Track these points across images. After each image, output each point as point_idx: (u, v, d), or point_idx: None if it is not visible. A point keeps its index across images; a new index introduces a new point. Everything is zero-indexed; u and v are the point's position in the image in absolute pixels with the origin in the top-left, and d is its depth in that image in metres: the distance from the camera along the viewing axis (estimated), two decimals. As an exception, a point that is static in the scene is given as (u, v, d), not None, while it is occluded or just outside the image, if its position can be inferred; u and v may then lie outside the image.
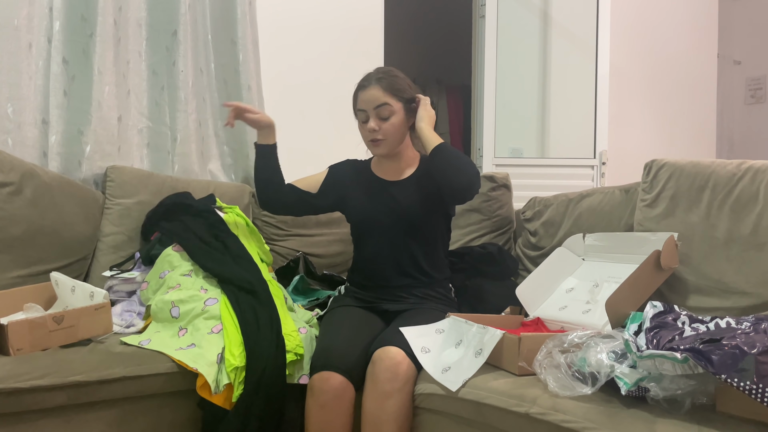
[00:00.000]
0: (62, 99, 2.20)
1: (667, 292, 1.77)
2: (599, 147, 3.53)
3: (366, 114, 1.84)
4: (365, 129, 1.85)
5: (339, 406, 1.55)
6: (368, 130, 1.83)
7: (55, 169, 2.17)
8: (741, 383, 1.06)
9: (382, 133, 1.83)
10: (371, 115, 1.83)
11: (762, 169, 1.73)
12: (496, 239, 2.40)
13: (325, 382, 1.55)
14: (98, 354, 1.58)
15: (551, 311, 1.82)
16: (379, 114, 1.82)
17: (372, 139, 1.85)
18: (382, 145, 1.85)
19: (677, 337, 1.26)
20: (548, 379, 1.34)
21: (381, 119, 1.82)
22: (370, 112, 1.83)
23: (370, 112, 1.83)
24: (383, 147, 1.86)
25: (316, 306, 2.11)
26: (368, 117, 1.83)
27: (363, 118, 1.85)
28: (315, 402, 1.56)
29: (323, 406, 1.55)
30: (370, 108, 1.82)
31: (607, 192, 2.15)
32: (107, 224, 2.16)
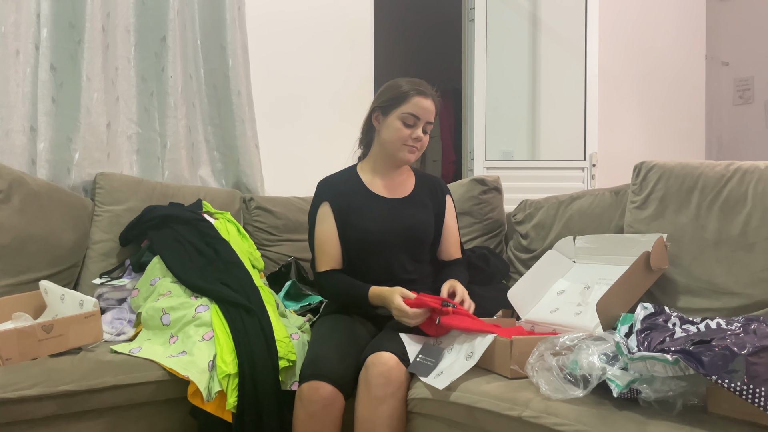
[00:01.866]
0: (50, 106, 2.19)
1: (658, 293, 1.78)
2: (589, 149, 3.55)
3: (418, 121, 1.84)
4: (408, 134, 1.84)
5: (328, 416, 1.54)
6: (414, 137, 1.84)
7: (43, 176, 2.16)
8: (732, 384, 1.06)
9: (421, 145, 1.88)
10: (421, 125, 1.85)
11: (750, 170, 1.74)
12: (488, 242, 2.40)
13: (315, 391, 1.54)
14: (88, 363, 1.57)
15: (543, 314, 1.82)
16: (426, 128, 1.86)
17: (412, 146, 1.86)
18: (415, 155, 1.89)
19: (668, 338, 1.26)
20: (540, 382, 1.34)
21: (424, 132, 1.87)
22: (422, 121, 1.84)
23: (423, 122, 1.85)
24: (416, 156, 1.90)
25: (308, 311, 2.10)
26: (418, 125, 1.84)
27: (411, 123, 1.84)
28: (304, 411, 1.55)
29: (312, 415, 1.54)
30: (424, 119, 1.84)
31: (597, 194, 2.15)
32: (97, 231, 2.15)
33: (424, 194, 1.95)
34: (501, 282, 2.21)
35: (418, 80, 1.87)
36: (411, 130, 1.83)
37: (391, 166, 1.93)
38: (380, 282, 1.80)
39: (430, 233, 1.93)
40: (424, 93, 1.84)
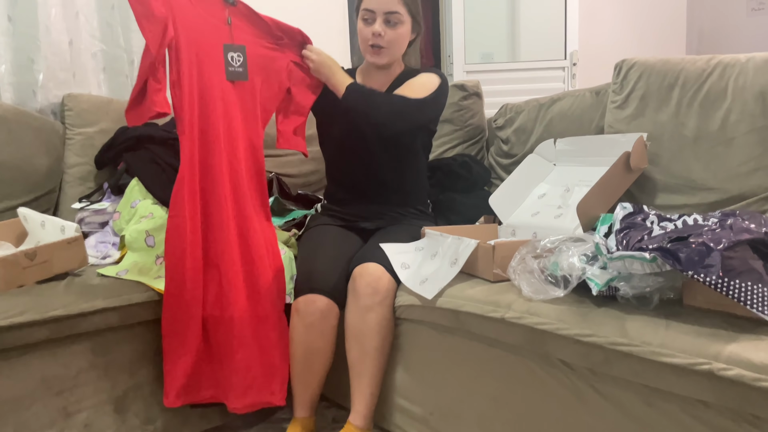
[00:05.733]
0: (7, 25, 2.08)
1: (637, 192, 1.80)
2: (570, 47, 3.48)
3: (373, 15, 1.73)
4: (368, 31, 1.74)
5: (324, 326, 1.60)
6: (372, 33, 1.73)
7: (8, 100, 2.08)
8: (707, 278, 1.09)
9: (386, 40, 1.74)
10: (379, 18, 1.73)
11: (731, 64, 1.72)
12: (469, 149, 2.39)
13: (311, 304, 1.58)
14: (76, 287, 1.58)
15: (524, 218, 1.84)
16: (388, 19, 1.72)
17: (373, 44, 1.75)
18: (383, 53, 1.77)
19: (646, 236, 1.29)
20: (522, 285, 1.37)
21: (388, 25, 1.73)
22: (378, 14, 1.72)
23: (379, 15, 1.72)
24: (383, 56, 1.77)
25: (293, 226, 2.11)
26: (375, 19, 1.73)
27: (368, 18, 1.74)
28: (301, 322, 1.59)
29: (309, 326, 1.59)
30: (380, 11, 1.72)
31: (577, 95, 2.13)
32: (71, 155, 2.10)
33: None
34: (483, 189, 2.22)
35: None
36: (368, 27, 1.74)
37: (372, 68, 1.86)
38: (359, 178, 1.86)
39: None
40: None
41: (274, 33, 1.73)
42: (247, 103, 1.68)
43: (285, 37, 1.74)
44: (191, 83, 1.57)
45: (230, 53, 1.64)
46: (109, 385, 1.59)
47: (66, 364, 1.52)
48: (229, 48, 1.64)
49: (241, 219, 1.65)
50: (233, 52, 1.64)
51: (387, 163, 1.85)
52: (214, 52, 1.61)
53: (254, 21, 1.69)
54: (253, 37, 1.69)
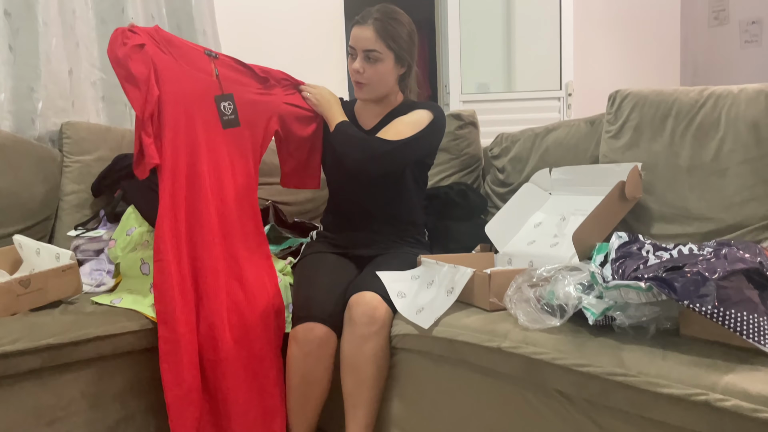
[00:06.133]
0: (8, 54, 2.10)
1: (632, 221, 1.81)
2: (565, 78, 3.52)
3: (355, 52, 1.77)
4: (350, 67, 1.79)
5: (322, 354, 1.58)
6: (353, 70, 1.78)
7: (7, 128, 2.09)
8: (703, 308, 1.09)
9: (366, 76, 1.77)
10: (359, 56, 1.76)
11: (723, 95, 1.74)
12: (465, 178, 2.40)
13: (310, 332, 1.57)
14: (70, 315, 1.57)
15: (520, 246, 1.84)
16: (367, 57, 1.75)
17: (356, 80, 1.80)
18: (364, 89, 1.80)
19: (641, 266, 1.29)
20: (518, 314, 1.37)
21: (368, 62, 1.76)
22: (359, 51, 1.76)
23: (359, 52, 1.76)
24: (365, 91, 1.81)
25: (289, 254, 2.11)
26: (355, 55, 1.77)
27: (352, 53, 1.79)
28: (299, 351, 1.58)
29: (307, 354, 1.58)
30: (359, 48, 1.75)
31: (572, 125, 2.15)
32: (68, 183, 2.11)
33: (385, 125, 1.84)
34: (479, 217, 2.22)
35: (371, 8, 1.78)
36: (352, 63, 1.79)
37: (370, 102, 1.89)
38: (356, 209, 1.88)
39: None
40: (359, 22, 1.76)
41: (259, 76, 1.83)
42: (239, 147, 1.76)
43: (270, 78, 1.84)
44: (176, 133, 1.64)
45: (222, 103, 1.73)
46: (100, 416, 1.56)
47: (58, 394, 1.50)
48: (221, 98, 1.73)
49: (233, 261, 1.68)
50: (224, 102, 1.73)
51: (377, 196, 1.86)
52: (205, 104, 1.70)
53: (238, 69, 1.81)
54: (239, 85, 1.78)
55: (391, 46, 1.75)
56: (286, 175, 1.93)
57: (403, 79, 1.85)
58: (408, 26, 1.79)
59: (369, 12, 1.76)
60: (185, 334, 1.54)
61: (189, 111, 1.67)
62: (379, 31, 1.73)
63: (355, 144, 1.71)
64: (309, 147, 1.90)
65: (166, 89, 1.63)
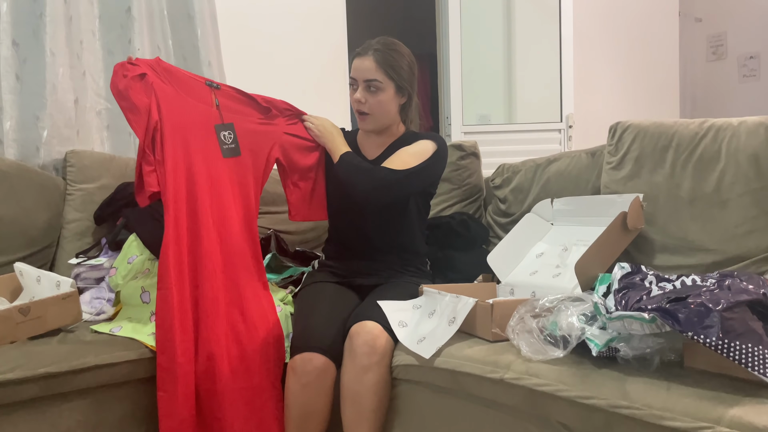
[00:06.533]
0: (15, 83, 2.12)
1: (635, 252, 1.80)
2: (566, 110, 3.55)
3: (356, 82, 1.80)
4: (352, 98, 1.82)
5: (321, 385, 1.56)
6: (354, 100, 1.81)
7: (11, 156, 2.11)
8: (707, 339, 1.08)
9: (368, 106, 1.80)
10: (360, 86, 1.79)
11: (723, 127, 1.75)
12: (467, 208, 2.40)
13: (308, 362, 1.56)
14: (69, 344, 1.56)
15: (522, 276, 1.84)
16: (368, 87, 1.78)
17: (358, 110, 1.82)
18: (367, 120, 1.83)
19: (645, 296, 1.28)
20: (521, 344, 1.36)
21: (369, 92, 1.79)
22: (360, 82, 1.79)
23: (360, 82, 1.79)
24: (368, 122, 1.84)
25: (290, 283, 2.10)
26: (356, 86, 1.80)
27: (353, 84, 1.82)
28: (297, 382, 1.56)
29: (306, 385, 1.55)
30: (360, 78, 1.79)
31: (573, 156, 2.16)
32: (70, 211, 2.11)
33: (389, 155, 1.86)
34: (481, 247, 2.22)
35: (372, 40, 1.82)
36: (354, 94, 1.81)
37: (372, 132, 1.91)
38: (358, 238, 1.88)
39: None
40: (360, 53, 1.80)
41: (261, 106, 1.85)
42: (240, 176, 1.77)
43: (273, 108, 1.86)
44: (176, 162, 1.65)
45: (222, 132, 1.74)
46: (97, 446, 1.54)
47: (55, 423, 1.48)
48: (221, 128, 1.75)
49: (234, 290, 1.67)
50: (225, 131, 1.75)
51: (380, 226, 1.86)
52: (205, 133, 1.72)
53: (240, 99, 1.83)
54: (240, 115, 1.81)
55: (391, 76, 1.78)
56: (294, 207, 1.93)
57: (404, 109, 1.87)
58: (408, 57, 1.82)
59: (369, 44, 1.80)
60: (183, 364, 1.53)
61: (189, 140, 1.68)
62: (380, 62, 1.76)
63: (362, 174, 1.73)
64: (314, 177, 1.91)
65: (166, 118, 1.65)
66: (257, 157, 1.81)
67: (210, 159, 1.71)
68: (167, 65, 1.73)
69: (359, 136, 1.96)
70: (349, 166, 1.75)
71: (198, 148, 1.70)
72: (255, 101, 1.84)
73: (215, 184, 1.71)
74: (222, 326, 1.62)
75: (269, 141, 1.83)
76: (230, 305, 1.65)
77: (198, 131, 1.71)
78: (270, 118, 1.85)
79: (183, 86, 1.72)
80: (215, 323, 1.60)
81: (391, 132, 1.90)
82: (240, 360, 1.61)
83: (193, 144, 1.69)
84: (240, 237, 1.72)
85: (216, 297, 1.63)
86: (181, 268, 1.60)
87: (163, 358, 1.53)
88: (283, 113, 1.88)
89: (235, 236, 1.71)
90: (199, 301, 1.62)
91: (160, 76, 1.68)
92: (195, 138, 1.70)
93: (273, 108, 1.86)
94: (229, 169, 1.75)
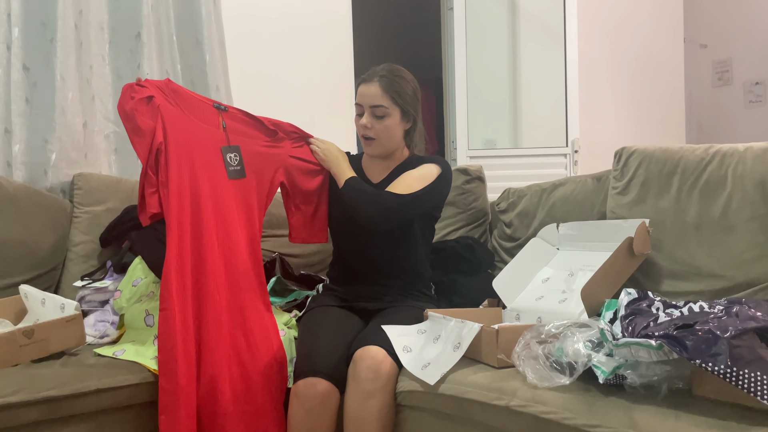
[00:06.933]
0: (24, 107, 2.15)
1: (642, 278, 1.79)
2: (571, 135, 3.56)
3: (362, 108, 1.82)
4: (358, 124, 1.84)
5: (324, 411, 1.55)
6: (361, 125, 1.82)
7: (19, 178, 2.12)
8: (715, 367, 1.07)
9: (374, 132, 1.82)
10: (366, 112, 1.81)
11: (729, 153, 1.75)
12: (472, 232, 2.40)
13: (311, 387, 1.54)
14: (71, 367, 1.55)
15: (528, 302, 1.83)
16: (374, 113, 1.80)
17: (364, 135, 1.84)
18: (373, 144, 1.84)
19: (652, 323, 1.27)
20: (527, 371, 1.34)
21: (375, 118, 1.80)
22: (366, 108, 1.81)
23: (366, 108, 1.81)
24: (374, 147, 1.85)
25: (294, 307, 2.09)
26: (361, 112, 1.82)
27: (358, 111, 1.84)
28: (300, 407, 1.55)
29: (309, 411, 1.54)
30: (366, 104, 1.80)
31: (579, 181, 2.16)
32: (76, 233, 2.12)
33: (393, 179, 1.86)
34: (486, 272, 2.21)
35: (376, 66, 1.84)
36: (360, 120, 1.83)
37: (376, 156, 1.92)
38: (362, 262, 1.88)
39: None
40: (365, 80, 1.82)
41: (268, 129, 1.86)
42: (245, 198, 1.78)
43: (279, 131, 1.88)
44: (181, 183, 1.66)
45: (228, 154, 1.76)
46: (99, 471, 1.53)
47: (55, 448, 1.47)
48: (227, 149, 1.76)
49: (237, 312, 1.67)
50: (231, 153, 1.76)
51: (384, 249, 1.86)
52: (211, 155, 1.74)
53: (247, 122, 1.84)
54: (246, 137, 1.82)
55: (397, 101, 1.79)
56: (294, 229, 1.93)
57: (408, 134, 1.89)
58: (412, 83, 1.85)
59: (374, 71, 1.82)
60: (185, 387, 1.52)
61: (195, 161, 1.69)
62: (385, 88, 1.78)
63: (367, 199, 1.73)
64: (316, 200, 1.92)
65: (172, 140, 1.66)
66: (262, 179, 1.82)
67: (215, 180, 1.72)
68: (176, 86, 1.75)
69: (364, 160, 1.97)
70: (353, 191, 1.76)
71: (204, 169, 1.70)
72: (262, 124, 1.85)
73: (220, 205, 1.71)
74: (225, 348, 1.61)
75: (274, 164, 1.84)
76: (233, 327, 1.64)
77: (204, 152, 1.72)
78: (276, 140, 1.86)
79: (190, 108, 1.74)
80: (218, 345, 1.60)
81: (396, 156, 1.91)
82: (242, 382, 1.60)
83: (198, 165, 1.70)
84: (244, 258, 1.72)
85: (219, 318, 1.62)
86: (184, 289, 1.60)
87: (164, 380, 1.52)
88: (289, 136, 1.89)
89: (239, 257, 1.71)
90: (201, 323, 1.61)
91: (168, 97, 1.70)
92: (201, 159, 1.71)
93: (279, 130, 1.88)
94: (234, 190, 1.75)
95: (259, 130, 1.85)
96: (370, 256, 1.87)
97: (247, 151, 1.80)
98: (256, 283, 1.74)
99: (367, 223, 1.73)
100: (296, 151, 1.89)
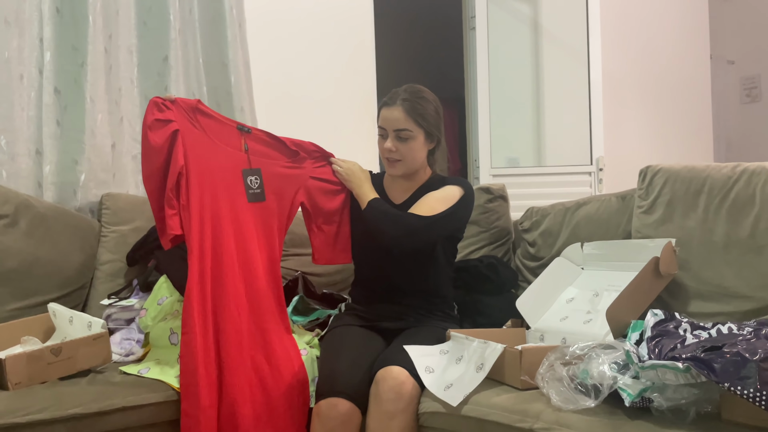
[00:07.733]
0: (55, 129, 2.20)
1: (668, 298, 1.76)
2: (596, 153, 3.53)
3: (385, 132, 1.83)
4: (382, 147, 1.84)
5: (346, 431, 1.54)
6: (385, 149, 1.83)
7: (50, 199, 2.17)
8: (744, 391, 1.05)
9: (399, 154, 1.82)
10: (390, 135, 1.81)
11: (757, 171, 1.72)
12: (495, 251, 2.38)
13: (333, 408, 1.54)
14: (97, 385, 1.57)
15: (552, 322, 1.80)
16: (399, 135, 1.80)
17: (388, 158, 1.84)
18: (398, 166, 1.84)
19: (679, 345, 1.25)
20: (551, 393, 1.33)
21: (400, 141, 1.81)
22: (389, 131, 1.81)
23: (390, 132, 1.81)
24: (399, 168, 1.85)
25: (317, 326, 2.09)
26: (386, 135, 1.83)
27: (381, 134, 1.84)
28: (322, 427, 1.55)
29: (331, 431, 1.54)
30: (389, 128, 1.81)
31: (603, 200, 2.14)
32: (104, 252, 2.16)
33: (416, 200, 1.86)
34: (510, 291, 2.19)
35: (398, 89, 1.84)
36: (384, 143, 1.83)
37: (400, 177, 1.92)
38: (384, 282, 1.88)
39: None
40: (387, 103, 1.82)
41: (289, 150, 1.87)
42: (265, 220, 1.79)
43: (301, 152, 1.88)
44: (202, 206, 1.68)
45: (249, 177, 1.77)
46: (123, 489, 1.54)
47: (80, 465, 1.48)
48: (248, 172, 1.78)
49: (259, 334, 1.68)
50: (251, 176, 1.78)
51: (406, 270, 1.86)
52: (232, 177, 1.75)
53: (269, 143, 1.85)
54: (268, 158, 1.83)
55: (420, 124, 1.80)
56: (317, 251, 1.93)
57: (431, 153, 1.89)
58: (434, 103, 1.85)
59: (396, 93, 1.83)
60: (206, 410, 1.53)
61: (215, 184, 1.72)
62: (409, 111, 1.78)
63: (390, 221, 1.73)
64: (338, 221, 1.92)
65: (193, 163, 1.68)
66: (282, 201, 1.83)
67: (236, 203, 1.74)
68: (204, 108, 1.77)
69: (386, 180, 1.97)
70: (377, 212, 1.76)
71: (224, 192, 1.73)
72: (284, 144, 1.87)
73: (240, 228, 1.73)
74: (246, 371, 1.62)
75: (295, 185, 1.86)
76: (254, 349, 1.65)
77: (225, 175, 1.74)
78: (297, 161, 1.88)
79: (213, 130, 1.76)
80: (239, 368, 1.61)
81: (419, 176, 1.91)
82: (264, 406, 1.60)
83: (219, 188, 1.72)
84: (264, 281, 1.73)
85: (240, 342, 1.63)
86: (205, 312, 1.62)
87: (186, 403, 1.53)
88: (311, 155, 1.91)
89: (259, 280, 1.72)
90: (222, 346, 1.62)
91: (192, 120, 1.72)
92: (222, 182, 1.73)
93: (301, 151, 1.89)
94: (253, 213, 1.77)
95: (280, 151, 1.87)
96: (392, 277, 1.86)
97: (267, 173, 1.81)
98: (275, 305, 1.75)
99: (389, 244, 1.73)
100: (317, 171, 1.90)
